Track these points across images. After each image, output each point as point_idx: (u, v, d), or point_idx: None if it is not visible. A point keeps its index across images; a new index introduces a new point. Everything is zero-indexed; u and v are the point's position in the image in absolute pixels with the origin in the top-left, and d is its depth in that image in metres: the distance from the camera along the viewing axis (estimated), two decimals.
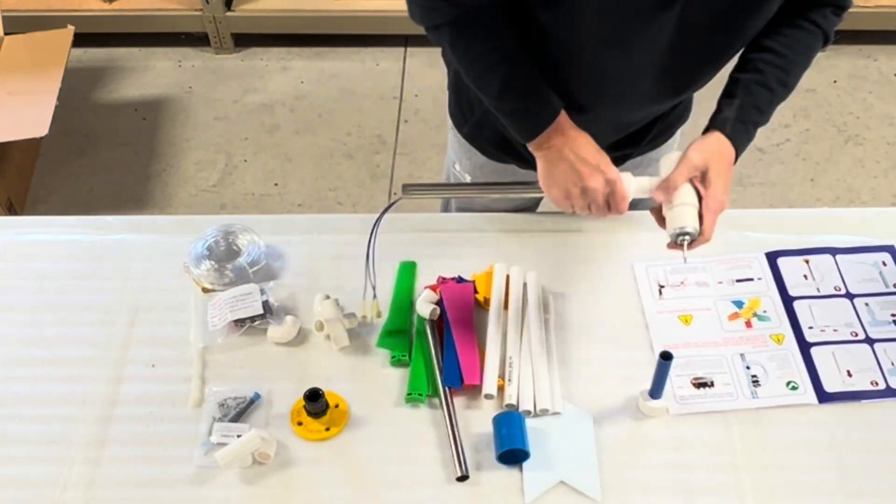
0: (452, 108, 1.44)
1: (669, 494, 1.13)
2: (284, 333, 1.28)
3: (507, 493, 1.13)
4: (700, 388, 1.22)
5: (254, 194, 2.64)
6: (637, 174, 1.20)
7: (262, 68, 3.03)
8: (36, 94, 2.31)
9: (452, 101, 1.44)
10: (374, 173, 2.68)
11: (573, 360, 1.26)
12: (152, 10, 2.97)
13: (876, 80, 2.91)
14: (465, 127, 1.42)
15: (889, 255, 1.37)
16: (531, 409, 1.19)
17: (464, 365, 1.22)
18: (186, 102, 2.92)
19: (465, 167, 1.49)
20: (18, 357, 1.29)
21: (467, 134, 1.43)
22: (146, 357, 1.28)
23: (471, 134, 1.42)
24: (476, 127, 1.40)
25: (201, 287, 1.35)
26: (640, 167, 1.44)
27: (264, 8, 2.98)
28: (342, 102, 2.90)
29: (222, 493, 1.14)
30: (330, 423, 1.19)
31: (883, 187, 2.61)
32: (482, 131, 1.40)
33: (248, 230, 1.39)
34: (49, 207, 2.61)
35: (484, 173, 1.46)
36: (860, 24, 2.93)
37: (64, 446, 1.19)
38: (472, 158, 1.46)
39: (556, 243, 1.39)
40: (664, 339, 1.28)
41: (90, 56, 3.08)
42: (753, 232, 1.41)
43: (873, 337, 1.28)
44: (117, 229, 1.46)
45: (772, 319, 1.30)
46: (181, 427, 1.20)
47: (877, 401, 1.21)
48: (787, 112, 2.80)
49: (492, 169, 1.45)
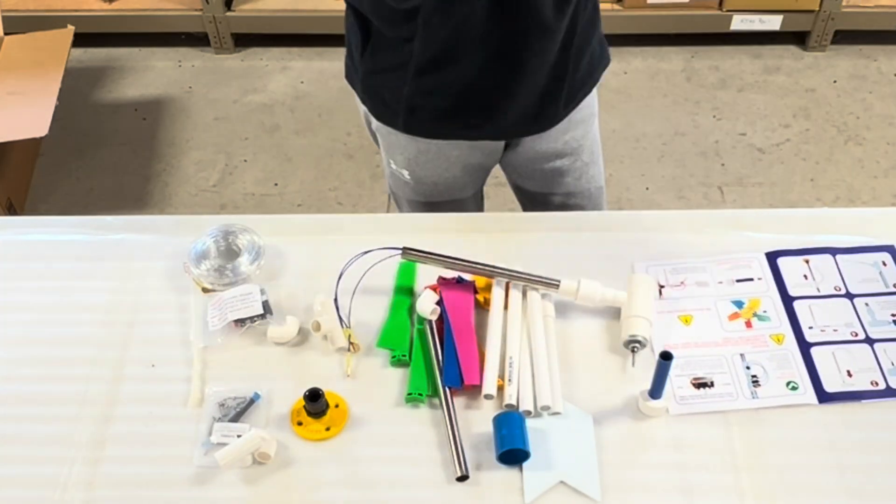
0: (376, 111, 1.47)
1: (669, 494, 1.13)
2: (284, 333, 1.28)
3: (507, 494, 1.13)
4: (700, 389, 1.22)
5: (254, 194, 2.64)
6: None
7: (262, 68, 3.03)
8: (36, 94, 2.31)
9: (373, 105, 1.47)
10: (374, 173, 2.68)
11: (573, 360, 1.26)
12: (152, 10, 2.97)
13: (876, 80, 2.92)
14: (398, 119, 1.44)
15: (889, 254, 1.37)
16: (531, 409, 1.19)
17: (464, 365, 1.22)
18: (186, 102, 2.92)
19: (400, 163, 1.52)
20: (18, 357, 1.29)
21: (403, 124, 1.44)
22: (146, 357, 1.28)
23: (406, 121, 1.44)
24: (409, 111, 1.42)
25: (201, 287, 1.35)
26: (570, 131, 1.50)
27: (264, 8, 2.98)
28: (342, 102, 2.90)
29: (222, 493, 1.14)
30: (330, 423, 1.19)
31: (883, 187, 2.61)
32: (415, 113, 1.42)
33: (248, 230, 1.39)
34: (49, 207, 2.61)
35: (419, 164, 1.50)
36: (860, 24, 2.93)
37: (64, 446, 1.19)
38: (404, 151, 1.49)
39: (556, 243, 1.39)
40: (664, 339, 1.28)
41: (90, 56, 3.08)
42: (753, 232, 1.41)
43: (873, 337, 1.28)
44: (117, 229, 1.46)
45: (772, 319, 1.30)
46: (181, 427, 1.20)
47: (877, 401, 1.21)
48: (787, 112, 2.80)
49: (426, 157, 1.49)
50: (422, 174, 1.52)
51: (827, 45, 2.99)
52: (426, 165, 1.50)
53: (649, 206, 2.54)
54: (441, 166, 1.51)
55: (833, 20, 2.90)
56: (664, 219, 1.45)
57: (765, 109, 2.81)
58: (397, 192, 1.64)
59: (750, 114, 2.80)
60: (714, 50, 3.03)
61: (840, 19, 2.90)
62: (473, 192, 1.64)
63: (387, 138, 1.50)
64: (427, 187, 1.55)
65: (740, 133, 2.74)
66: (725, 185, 2.60)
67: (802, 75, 2.93)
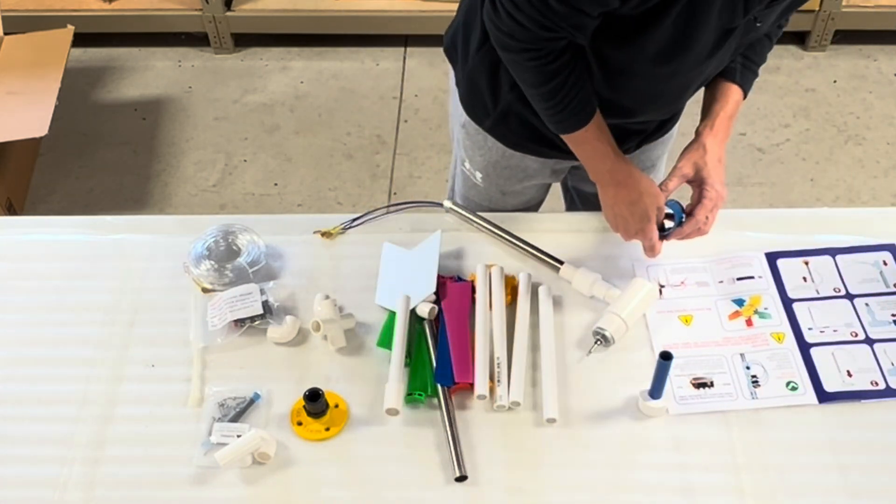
0: (469, 103, 1.41)
1: (669, 494, 1.13)
2: (284, 333, 1.28)
3: (507, 493, 1.13)
4: (700, 389, 1.22)
5: (254, 194, 2.64)
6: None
7: (262, 68, 3.03)
8: (36, 94, 2.31)
9: (468, 96, 1.41)
10: (373, 173, 2.68)
11: (573, 360, 1.26)
12: (152, 10, 2.97)
13: (876, 80, 2.91)
14: (487, 120, 1.40)
15: (889, 254, 1.37)
16: (519, 400, 1.20)
17: (456, 364, 1.22)
18: (186, 102, 2.92)
19: (476, 164, 1.48)
20: (18, 357, 1.29)
21: (490, 126, 1.40)
22: (146, 357, 1.28)
23: (494, 125, 1.40)
24: (501, 117, 1.38)
25: (201, 287, 1.35)
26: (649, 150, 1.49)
27: (264, 8, 2.98)
28: (342, 102, 2.90)
29: (222, 493, 1.14)
30: (330, 423, 1.19)
31: (883, 187, 2.61)
32: (507, 121, 1.38)
33: (248, 230, 1.39)
34: (49, 207, 2.61)
35: (497, 169, 1.46)
36: (860, 24, 2.93)
37: (64, 446, 1.19)
38: (485, 155, 1.45)
39: (557, 243, 1.39)
40: (664, 339, 1.28)
41: (90, 56, 3.08)
42: (753, 232, 1.41)
43: (873, 337, 1.28)
44: (117, 229, 1.46)
45: (773, 317, 1.30)
46: (181, 427, 1.20)
47: (877, 401, 1.21)
48: (787, 112, 2.80)
49: (506, 164, 1.45)
50: (496, 180, 1.48)
51: (827, 45, 2.99)
52: (503, 173, 1.47)
53: None
54: (516, 177, 1.47)
55: (833, 20, 2.90)
56: None
57: (765, 109, 2.81)
58: (463, 191, 1.57)
59: (750, 114, 2.80)
60: None
61: (840, 19, 2.90)
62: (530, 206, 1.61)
63: (473, 136, 1.45)
64: (495, 194, 1.52)
65: (740, 133, 2.74)
66: (725, 184, 2.60)
67: (802, 75, 2.93)
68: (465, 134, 1.46)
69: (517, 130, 1.39)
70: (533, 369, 1.24)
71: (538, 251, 1.36)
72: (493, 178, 1.48)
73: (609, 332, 1.25)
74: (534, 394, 1.22)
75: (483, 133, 1.42)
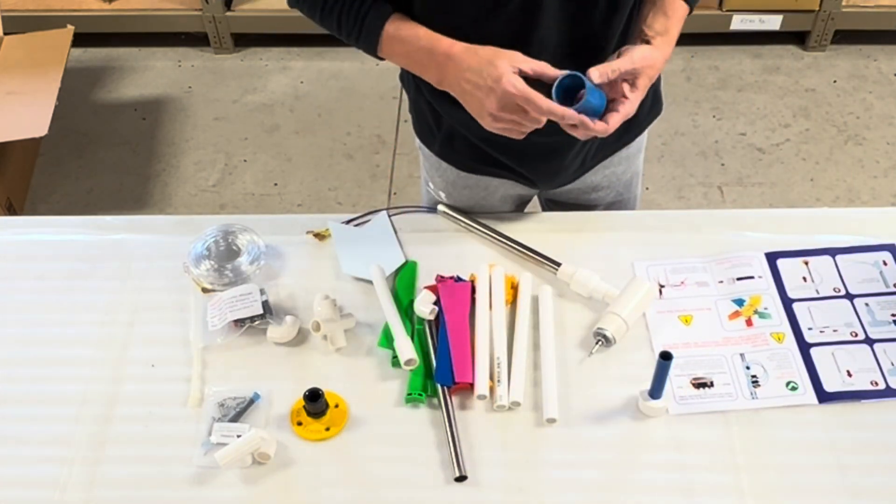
0: (418, 128, 1.44)
1: (669, 494, 1.13)
2: (284, 333, 1.28)
3: (507, 493, 1.13)
4: (700, 389, 1.22)
5: (254, 194, 2.64)
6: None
7: (262, 68, 3.03)
8: (35, 94, 2.31)
9: (417, 122, 1.44)
10: (373, 173, 2.68)
11: (573, 360, 1.26)
12: (152, 10, 2.97)
13: (876, 80, 2.92)
14: (434, 144, 1.42)
15: (889, 254, 1.37)
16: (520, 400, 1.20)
17: (456, 364, 1.22)
18: (186, 102, 2.92)
19: (438, 185, 1.48)
20: (18, 357, 1.29)
21: (438, 151, 1.42)
22: (146, 357, 1.28)
23: (442, 150, 1.41)
24: (447, 140, 1.39)
25: (201, 287, 1.35)
26: (612, 167, 1.45)
27: (264, 8, 2.98)
28: (342, 102, 2.90)
29: (222, 493, 1.14)
30: (330, 423, 1.19)
31: (883, 187, 2.61)
32: (453, 144, 1.39)
33: (247, 230, 1.39)
34: (49, 207, 2.61)
35: (456, 189, 1.46)
36: (860, 24, 2.93)
37: (64, 446, 1.19)
38: (443, 175, 1.45)
39: (556, 243, 1.39)
40: (664, 339, 1.28)
41: (90, 56, 3.08)
42: (753, 232, 1.41)
43: (873, 337, 1.28)
44: (117, 229, 1.46)
45: (773, 317, 1.30)
46: (181, 427, 1.20)
47: (877, 401, 1.21)
48: (787, 112, 2.80)
49: (464, 184, 1.44)
50: (459, 199, 1.48)
51: (827, 45, 2.99)
52: (464, 192, 1.46)
53: (649, 206, 2.54)
54: (478, 195, 1.47)
55: (833, 20, 2.90)
56: (664, 218, 1.45)
57: (765, 109, 2.81)
58: None
59: (750, 114, 2.80)
60: (714, 50, 3.03)
61: (840, 19, 2.90)
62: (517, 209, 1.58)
63: (428, 158, 1.46)
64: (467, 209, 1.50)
65: (740, 133, 2.74)
66: (725, 184, 2.60)
67: (802, 75, 2.93)
68: (423, 157, 1.48)
69: (464, 152, 1.39)
70: (533, 369, 1.24)
71: (535, 253, 1.36)
72: (456, 197, 1.47)
73: (610, 332, 1.25)
74: (534, 394, 1.22)
75: (435, 157, 1.43)
